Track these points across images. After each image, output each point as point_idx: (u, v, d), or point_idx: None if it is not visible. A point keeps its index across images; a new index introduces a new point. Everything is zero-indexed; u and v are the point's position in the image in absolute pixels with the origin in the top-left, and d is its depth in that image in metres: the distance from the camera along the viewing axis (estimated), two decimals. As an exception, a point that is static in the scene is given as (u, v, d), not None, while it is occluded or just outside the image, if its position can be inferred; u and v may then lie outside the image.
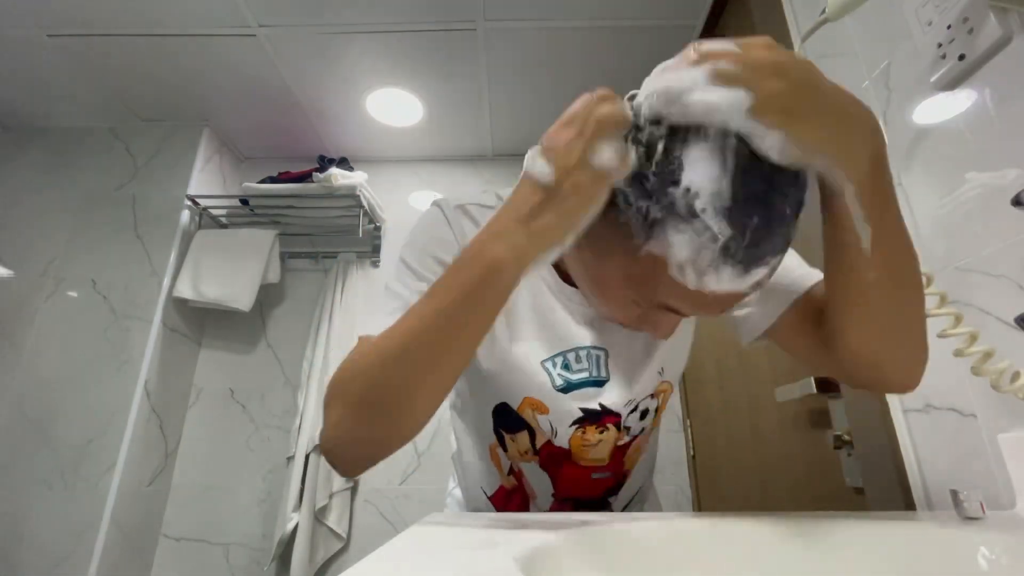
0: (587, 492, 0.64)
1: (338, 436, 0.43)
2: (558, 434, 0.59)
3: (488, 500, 0.67)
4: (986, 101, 0.59)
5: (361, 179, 1.92)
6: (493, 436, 0.63)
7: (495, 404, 0.61)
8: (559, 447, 0.60)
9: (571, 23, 1.56)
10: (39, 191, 1.91)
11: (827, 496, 0.94)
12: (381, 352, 0.41)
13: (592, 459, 0.61)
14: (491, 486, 0.66)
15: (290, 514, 1.62)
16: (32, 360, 1.69)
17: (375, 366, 0.41)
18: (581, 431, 0.59)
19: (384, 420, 0.41)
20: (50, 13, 1.51)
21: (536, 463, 0.62)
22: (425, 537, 0.36)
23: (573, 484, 0.63)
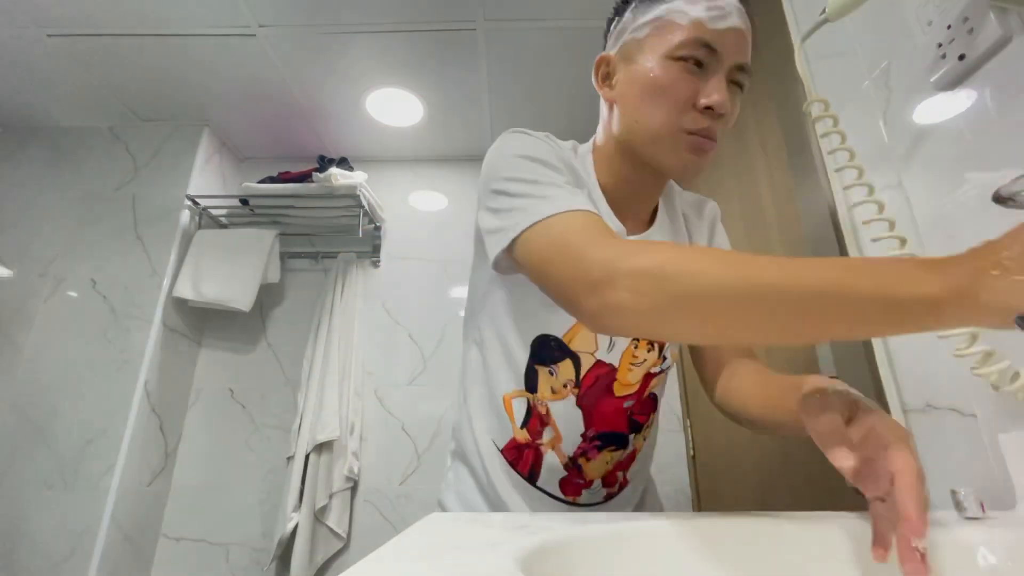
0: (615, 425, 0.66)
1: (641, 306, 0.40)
2: (614, 347, 0.63)
3: (500, 452, 0.66)
4: (986, 101, 0.59)
5: (361, 179, 1.92)
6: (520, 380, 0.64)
7: (535, 336, 0.63)
8: (608, 364, 0.63)
9: (571, 23, 1.56)
10: (39, 191, 1.91)
11: (827, 496, 0.94)
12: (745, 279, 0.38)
13: (629, 383, 0.64)
14: (502, 439, 0.66)
15: (290, 514, 1.62)
16: (32, 360, 1.69)
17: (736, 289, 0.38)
18: (635, 344, 0.64)
19: (686, 330, 0.42)
20: (50, 13, 1.51)
21: (573, 398, 0.63)
22: (425, 537, 0.36)
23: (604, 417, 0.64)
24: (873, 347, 0.76)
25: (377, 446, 1.84)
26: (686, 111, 0.56)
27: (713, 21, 0.54)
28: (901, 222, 0.66)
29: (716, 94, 0.54)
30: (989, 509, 0.43)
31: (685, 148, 0.56)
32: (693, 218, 0.73)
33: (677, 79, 0.55)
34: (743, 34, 0.56)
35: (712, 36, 0.54)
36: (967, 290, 0.32)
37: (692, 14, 0.55)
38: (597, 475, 0.66)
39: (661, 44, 0.56)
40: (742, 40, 0.56)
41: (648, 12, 0.58)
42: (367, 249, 2.08)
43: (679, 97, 0.55)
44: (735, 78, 0.57)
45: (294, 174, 1.95)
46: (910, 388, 0.70)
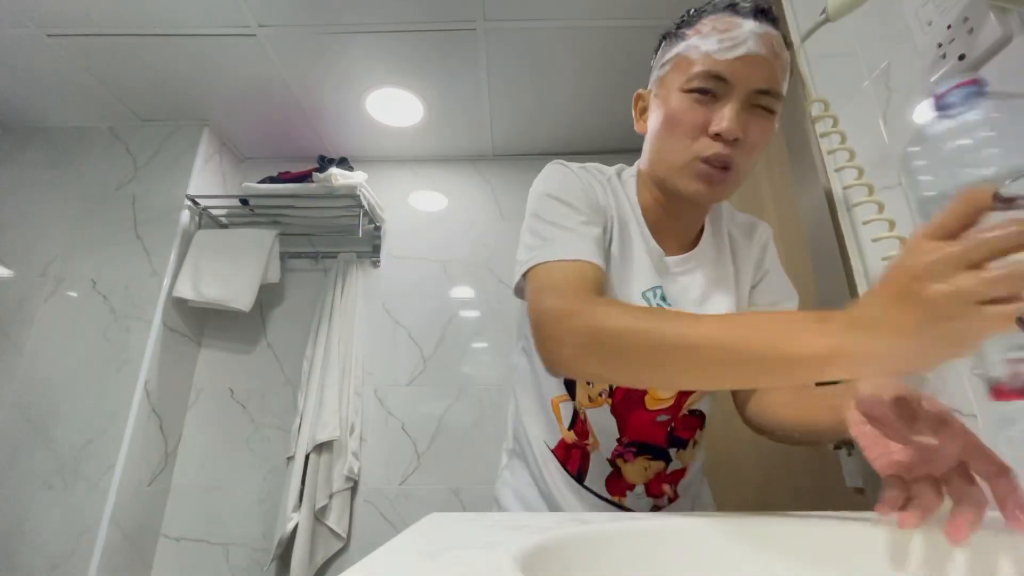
0: (651, 437, 0.68)
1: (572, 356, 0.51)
2: None
3: (551, 452, 0.71)
4: (986, 101, 0.59)
5: (361, 179, 1.92)
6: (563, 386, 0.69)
7: None
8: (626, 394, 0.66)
9: (571, 23, 1.56)
10: (39, 191, 1.90)
11: (827, 496, 0.94)
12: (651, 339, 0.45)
13: (660, 397, 0.66)
14: (552, 439, 0.71)
15: (290, 514, 1.62)
16: (32, 360, 1.68)
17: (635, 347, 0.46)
18: None
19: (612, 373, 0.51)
20: (50, 13, 1.51)
21: (608, 406, 0.67)
22: (424, 537, 0.36)
23: (638, 428, 0.67)
24: (873, 347, 0.76)
25: (377, 446, 1.84)
26: (698, 139, 0.58)
27: (723, 52, 0.56)
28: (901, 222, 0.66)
29: (725, 121, 0.56)
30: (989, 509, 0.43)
31: (696, 177, 0.59)
32: (741, 241, 0.74)
33: (688, 110, 0.58)
34: (762, 60, 0.57)
35: (723, 67, 0.56)
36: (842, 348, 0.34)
37: (703, 48, 0.57)
38: (638, 480, 0.68)
39: (678, 79, 0.60)
40: (760, 66, 0.57)
41: (670, 50, 0.62)
42: (367, 249, 2.08)
43: (689, 126, 0.58)
44: (758, 102, 0.58)
45: (294, 174, 1.95)
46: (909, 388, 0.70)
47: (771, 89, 0.58)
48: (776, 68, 0.58)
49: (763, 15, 0.58)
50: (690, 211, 0.68)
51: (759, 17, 0.57)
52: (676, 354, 0.43)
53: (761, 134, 0.59)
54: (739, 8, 0.58)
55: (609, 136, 2.01)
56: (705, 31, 0.58)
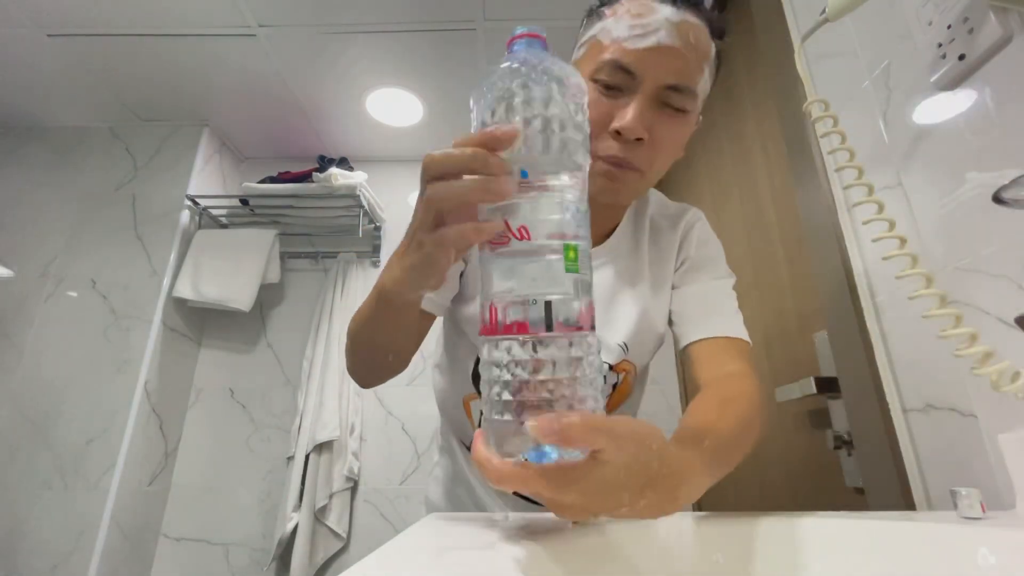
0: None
1: (348, 367, 0.62)
2: None
3: (466, 449, 0.72)
4: (986, 101, 0.59)
5: (361, 179, 1.92)
6: (471, 386, 0.68)
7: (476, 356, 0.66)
8: None
9: (571, 23, 1.55)
10: (39, 191, 1.90)
11: (827, 496, 0.94)
12: (352, 329, 0.57)
13: None
14: (467, 437, 0.72)
15: (290, 514, 1.62)
16: (32, 360, 1.68)
17: (351, 337, 0.58)
18: None
19: (359, 367, 0.61)
20: (50, 13, 1.51)
21: None
22: (425, 537, 0.36)
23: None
24: (873, 347, 0.76)
25: (377, 446, 1.84)
26: (600, 138, 0.53)
27: (633, 40, 0.51)
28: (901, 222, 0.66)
29: (626, 119, 0.51)
30: (989, 509, 0.43)
31: (596, 175, 0.54)
32: (666, 230, 0.70)
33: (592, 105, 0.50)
34: (675, 52, 0.51)
35: (630, 58, 0.51)
36: (383, 282, 0.44)
37: (614, 34, 0.52)
38: None
39: (588, 66, 0.55)
40: (672, 58, 0.51)
41: (588, 31, 0.57)
42: (367, 249, 2.08)
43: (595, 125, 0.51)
44: (668, 100, 0.53)
45: (294, 174, 1.95)
46: (910, 388, 0.70)
47: (681, 85, 0.52)
48: (691, 61, 0.52)
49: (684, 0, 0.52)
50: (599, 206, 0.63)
51: (679, 2, 0.52)
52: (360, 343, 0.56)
53: (669, 134, 0.54)
54: None
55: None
56: (620, 13, 0.53)
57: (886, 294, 0.76)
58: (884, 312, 0.76)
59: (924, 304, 0.55)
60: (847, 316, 0.82)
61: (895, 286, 0.72)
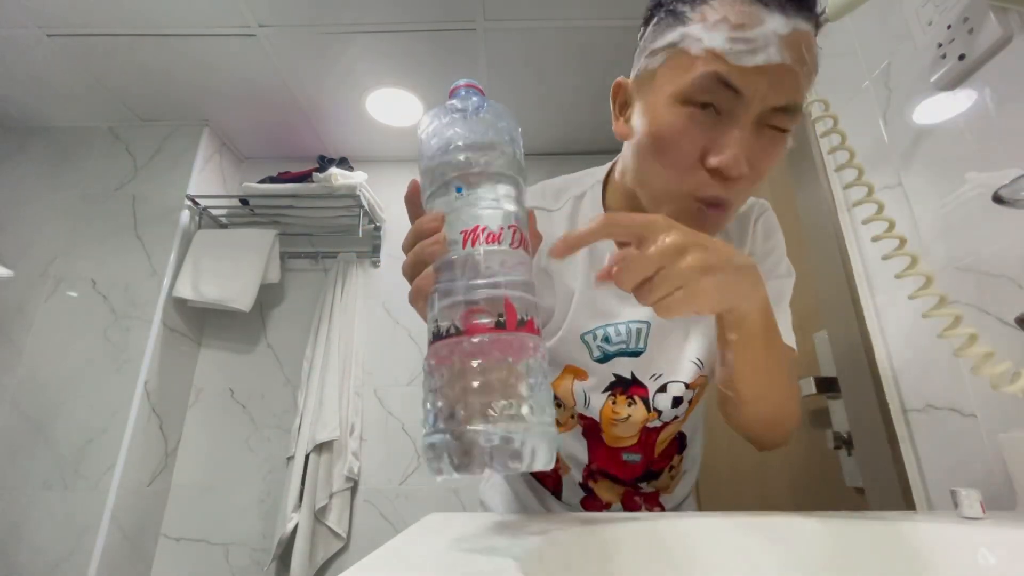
0: (618, 471, 0.66)
1: None
2: (590, 403, 0.61)
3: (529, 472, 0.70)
4: (986, 101, 0.59)
5: (361, 179, 1.92)
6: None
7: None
8: (590, 418, 0.63)
9: (571, 23, 1.56)
10: (39, 191, 1.90)
11: (827, 496, 0.94)
12: None
13: (619, 436, 0.63)
14: None
15: (290, 514, 1.62)
16: (32, 360, 1.68)
17: None
18: (612, 399, 0.61)
19: None
20: (50, 13, 1.51)
21: (580, 428, 0.64)
22: (425, 537, 0.36)
23: (605, 460, 0.65)
24: (873, 347, 0.76)
25: (377, 446, 1.84)
26: (693, 171, 0.45)
27: (737, 56, 0.41)
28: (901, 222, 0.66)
29: (728, 153, 0.42)
30: (989, 509, 0.43)
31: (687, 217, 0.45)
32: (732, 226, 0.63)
33: (682, 131, 0.44)
34: (786, 70, 0.42)
35: (735, 75, 0.41)
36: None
37: (707, 43, 0.42)
38: (612, 498, 0.67)
39: (671, 81, 0.45)
40: (783, 78, 0.42)
41: (664, 36, 0.46)
42: (367, 249, 2.08)
43: (682, 155, 0.45)
44: (772, 122, 0.44)
45: (294, 174, 1.95)
46: (910, 388, 0.70)
47: (791, 105, 0.43)
48: (802, 77, 0.43)
49: (794, 3, 0.42)
50: None
51: (788, 8, 0.41)
52: None
53: (770, 161, 0.45)
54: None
55: (609, 136, 2.00)
56: (712, 19, 0.42)
57: (886, 294, 0.76)
58: (884, 312, 0.76)
59: (924, 304, 0.55)
60: (847, 316, 0.82)
61: (895, 286, 0.72)
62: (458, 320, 0.30)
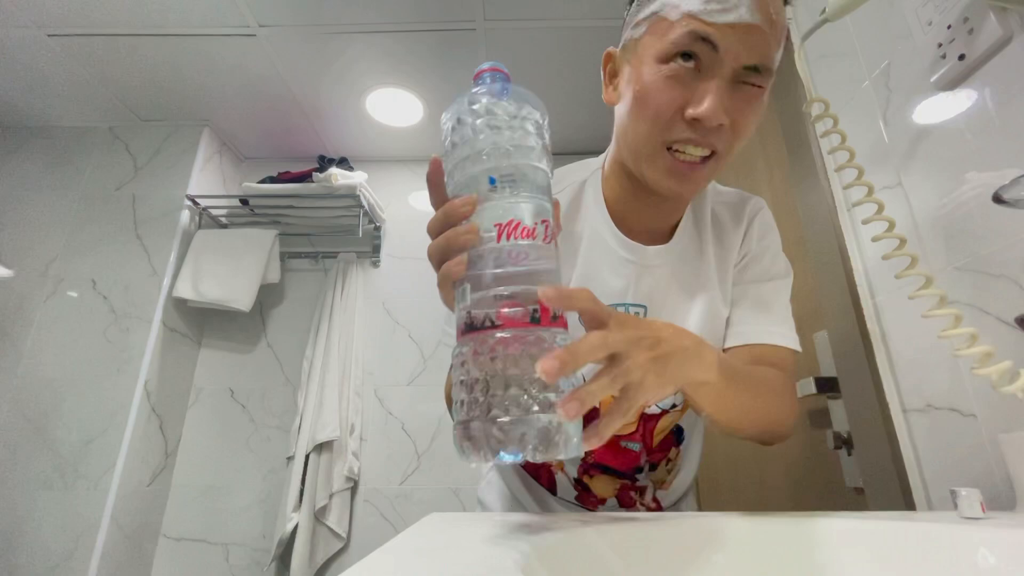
0: (617, 461, 0.65)
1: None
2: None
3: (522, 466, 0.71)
4: (986, 101, 0.59)
5: (361, 179, 1.92)
6: None
7: None
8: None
9: (571, 23, 1.56)
10: (39, 191, 1.90)
11: (827, 496, 0.94)
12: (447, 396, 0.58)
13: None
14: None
15: (290, 514, 1.62)
16: (32, 360, 1.68)
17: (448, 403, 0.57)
18: None
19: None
20: (50, 13, 1.51)
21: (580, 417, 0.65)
22: (425, 537, 0.36)
23: (603, 450, 0.64)
24: (873, 347, 0.76)
25: (377, 446, 1.84)
26: (672, 122, 0.49)
27: (711, 14, 0.45)
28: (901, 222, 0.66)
29: (706, 102, 0.46)
30: (989, 509, 0.43)
31: (667, 173, 0.50)
32: (729, 224, 0.65)
33: (663, 87, 0.48)
34: (756, 29, 0.46)
35: (709, 31, 0.46)
36: None
37: (684, 7, 0.46)
38: (607, 494, 0.67)
39: (653, 45, 0.49)
40: (754, 36, 0.46)
41: (646, 7, 0.51)
42: (367, 249, 2.08)
43: (662, 106, 0.48)
44: (746, 79, 0.48)
45: (294, 174, 1.95)
46: (910, 388, 0.70)
47: (762, 65, 0.47)
48: (771, 39, 0.47)
49: None
50: (662, 202, 0.59)
51: None
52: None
53: (750, 116, 0.49)
54: None
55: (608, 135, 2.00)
56: None
57: (886, 294, 0.76)
58: (884, 312, 0.76)
59: (924, 304, 0.55)
60: (847, 316, 0.82)
61: (895, 286, 0.72)
62: (493, 313, 0.31)
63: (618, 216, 0.61)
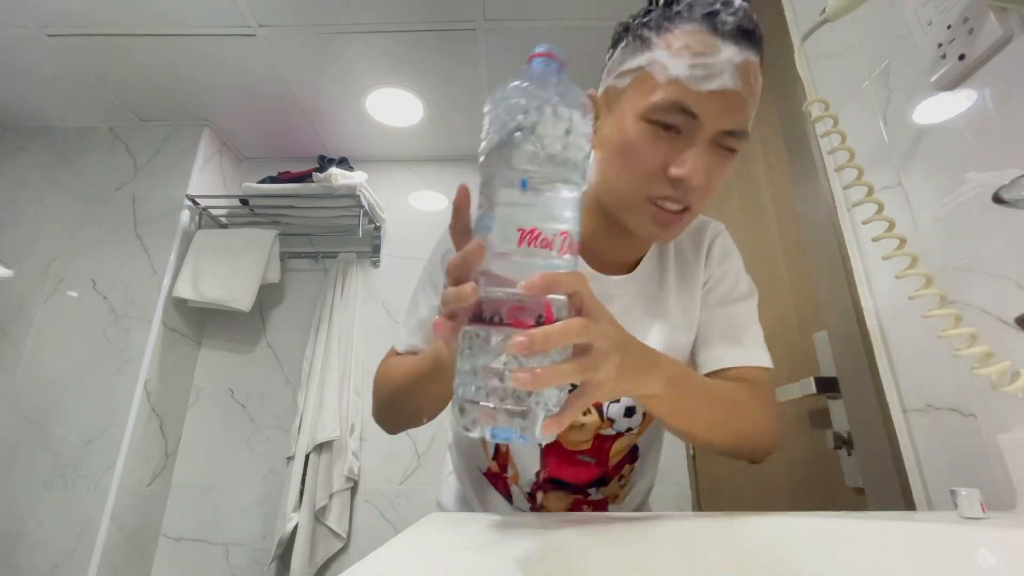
0: (571, 475, 0.67)
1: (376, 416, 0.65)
2: None
3: (483, 475, 0.73)
4: (986, 101, 0.59)
5: (361, 179, 1.92)
6: None
7: None
8: None
9: (571, 23, 1.56)
10: (39, 191, 1.91)
11: (827, 496, 0.94)
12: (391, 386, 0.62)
13: (574, 441, 0.65)
14: (483, 464, 0.72)
15: (290, 514, 1.62)
16: (32, 360, 1.68)
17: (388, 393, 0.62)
18: None
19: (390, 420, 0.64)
20: (50, 13, 1.51)
21: None
22: (425, 537, 0.36)
23: (559, 463, 0.66)
24: (873, 347, 0.76)
25: (377, 446, 1.84)
26: (655, 179, 0.51)
27: (696, 81, 0.47)
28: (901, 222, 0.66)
29: (688, 165, 0.48)
30: (989, 509, 0.44)
31: (650, 220, 0.53)
32: (689, 251, 0.67)
33: (647, 145, 0.50)
34: (736, 96, 0.48)
35: (692, 99, 0.47)
36: None
37: (672, 71, 0.48)
38: (559, 509, 0.68)
39: (637, 101, 0.50)
40: (734, 103, 0.48)
41: (632, 59, 0.52)
42: (367, 249, 2.08)
43: (647, 165, 0.50)
44: (724, 143, 0.50)
45: (294, 174, 1.95)
46: (910, 388, 0.70)
47: (740, 130, 0.50)
48: (749, 105, 0.50)
49: (746, 37, 0.48)
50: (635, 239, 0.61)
51: (741, 41, 0.48)
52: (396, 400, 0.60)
53: (722, 176, 0.52)
54: (719, 25, 0.47)
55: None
56: (676, 46, 0.48)
57: (886, 294, 0.76)
58: (884, 312, 0.76)
59: (924, 304, 0.55)
60: (847, 316, 0.82)
61: (895, 286, 0.72)
62: (503, 313, 0.32)
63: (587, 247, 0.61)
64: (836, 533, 0.41)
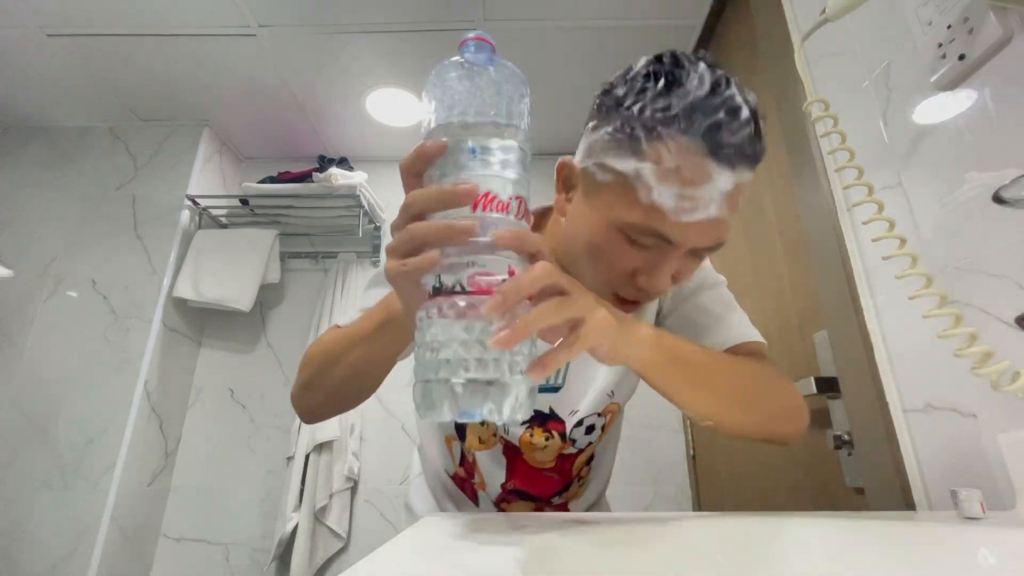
0: (536, 488, 0.69)
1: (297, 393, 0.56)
2: (509, 432, 0.66)
3: (450, 478, 0.74)
4: (986, 101, 0.59)
5: (361, 179, 1.92)
6: (452, 427, 0.70)
7: None
8: (510, 442, 0.67)
9: (571, 23, 1.56)
10: (39, 191, 1.91)
11: (827, 496, 0.94)
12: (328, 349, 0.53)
13: (539, 460, 0.67)
14: (451, 469, 0.74)
15: (290, 514, 1.62)
16: (32, 360, 1.68)
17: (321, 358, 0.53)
18: (529, 432, 0.66)
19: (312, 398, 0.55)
20: (50, 13, 1.51)
21: (501, 446, 0.68)
22: (425, 537, 0.36)
23: (525, 477, 0.68)
24: (873, 347, 0.76)
25: (377, 446, 1.84)
26: (621, 280, 0.49)
27: (679, 213, 0.43)
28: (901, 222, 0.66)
29: (657, 278, 0.47)
30: (989, 509, 0.44)
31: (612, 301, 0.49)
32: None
33: (617, 253, 0.48)
34: (719, 222, 0.45)
35: (670, 229, 0.44)
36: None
37: (655, 197, 0.43)
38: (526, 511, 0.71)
39: (614, 208, 0.46)
40: (714, 228, 0.45)
41: (616, 156, 0.45)
42: (367, 249, 2.08)
43: (614, 269, 0.48)
44: (698, 253, 0.48)
45: (294, 174, 1.95)
46: (910, 388, 0.70)
47: (716, 245, 0.47)
48: (729, 223, 0.46)
49: (745, 161, 0.43)
50: None
51: (739, 165, 0.43)
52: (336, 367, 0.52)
53: (690, 273, 0.51)
54: (718, 148, 0.42)
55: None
56: (666, 164, 0.42)
57: (886, 294, 0.76)
58: (884, 312, 0.76)
59: (924, 304, 0.55)
60: (847, 316, 0.82)
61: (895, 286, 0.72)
62: (465, 280, 0.32)
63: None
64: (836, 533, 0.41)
